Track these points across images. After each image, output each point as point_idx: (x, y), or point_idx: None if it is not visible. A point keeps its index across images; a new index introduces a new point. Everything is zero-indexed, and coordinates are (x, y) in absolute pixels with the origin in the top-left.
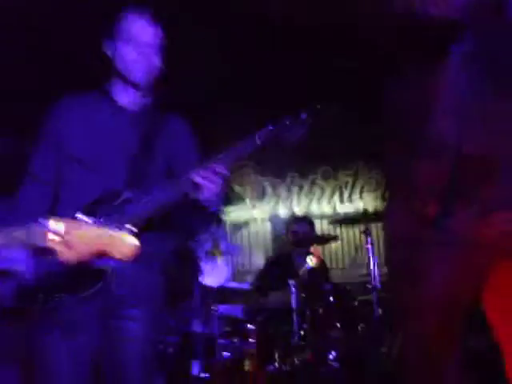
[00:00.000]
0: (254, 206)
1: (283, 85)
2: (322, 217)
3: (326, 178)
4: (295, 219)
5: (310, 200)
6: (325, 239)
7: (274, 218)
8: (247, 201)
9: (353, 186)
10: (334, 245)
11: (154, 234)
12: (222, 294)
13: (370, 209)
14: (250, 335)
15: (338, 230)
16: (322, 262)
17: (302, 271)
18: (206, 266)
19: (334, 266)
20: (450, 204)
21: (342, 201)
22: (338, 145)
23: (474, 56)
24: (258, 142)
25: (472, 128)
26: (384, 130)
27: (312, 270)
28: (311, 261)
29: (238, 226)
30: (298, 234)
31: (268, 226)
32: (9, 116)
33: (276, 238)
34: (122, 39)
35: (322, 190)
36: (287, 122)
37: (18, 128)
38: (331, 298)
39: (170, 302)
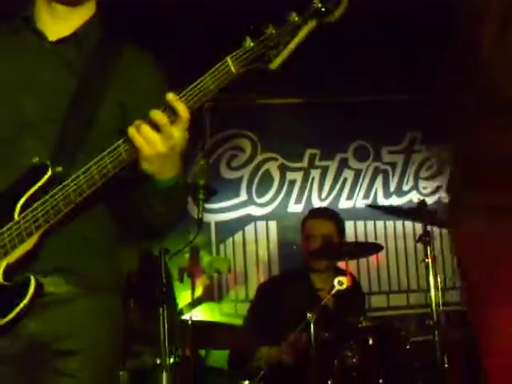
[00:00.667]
0: (251, 200)
1: None
2: (355, 215)
3: (361, 157)
4: (314, 216)
5: (339, 190)
6: (362, 249)
7: (282, 218)
8: (242, 191)
9: (403, 171)
10: (374, 258)
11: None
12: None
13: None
14: None
15: (382, 236)
16: (356, 286)
17: (325, 300)
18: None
19: (374, 290)
20: None
21: (386, 192)
22: (379, 109)
23: None
24: (233, 68)
25: None
26: (462, 88)
27: (341, 296)
28: (340, 283)
29: (229, 230)
30: (318, 241)
31: (274, 229)
32: None
33: (285, 246)
34: None
35: (357, 176)
36: (273, 33)
37: None
38: (370, 341)
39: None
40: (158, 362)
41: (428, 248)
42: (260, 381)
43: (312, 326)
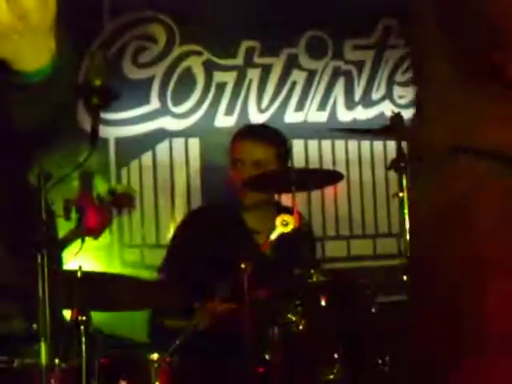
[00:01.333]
0: (166, 109)
1: None
2: (307, 132)
3: (316, 54)
4: (244, 136)
5: (285, 99)
6: (314, 179)
7: (207, 135)
8: (153, 96)
9: (373, 73)
10: (331, 191)
11: None
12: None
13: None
14: None
15: (342, 161)
16: (305, 228)
17: (262, 246)
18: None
19: (330, 234)
20: None
21: (349, 102)
22: None
23: None
24: None
25: None
26: None
27: (284, 242)
28: (283, 224)
29: (134, 150)
30: (247, 169)
31: (196, 149)
32: None
33: (211, 173)
34: None
35: (310, 79)
36: None
37: None
38: (323, 302)
39: None
40: (35, 327)
41: (403, 178)
42: (173, 353)
43: (245, 281)
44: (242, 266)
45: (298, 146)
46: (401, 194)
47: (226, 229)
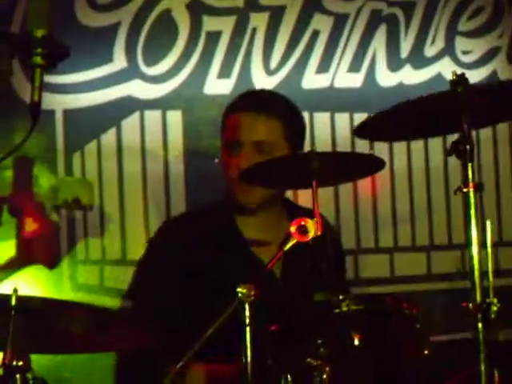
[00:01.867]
0: (135, 69)
1: None
2: (334, 102)
3: None
4: (241, 107)
5: (303, 54)
6: (344, 167)
7: (193, 106)
8: (117, 52)
9: (426, 17)
10: (368, 185)
11: None
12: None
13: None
14: None
15: (384, 146)
16: (330, 237)
17: (269, 263)
18: None
19: (366, 245)
20: None
21: (393, 60)
22: None
23: None
24: None
25: None
26: None
27: (302, 257)
28: (300, 232)
29: (91, 127)
30: (246, 153)
31: (177, 126)
32: None
33: (198, 160)
34: None
35: (338, 25)
36: None
37: None
38: (356, 340)
39: None
40: None
41: (469, 167)
42: None
43: (247, 311)
44: (240, 291)
45: (320, 121)
46: (465, 190)
47: (223, 237)
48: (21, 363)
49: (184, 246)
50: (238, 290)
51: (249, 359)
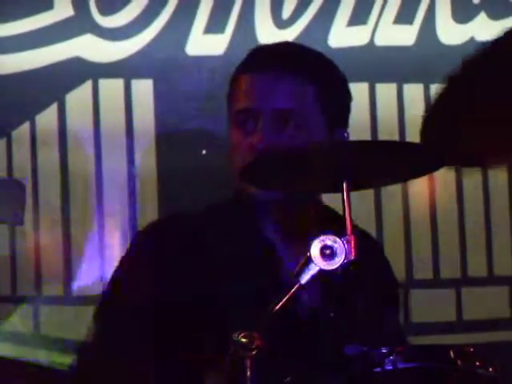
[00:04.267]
0: (87, 18)
1: None
2: (375, 69)
3: None
4: (256, 66)
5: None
6: (390, 165)
7: (170, 72)
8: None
9: None
10: (425, 190)
11: None
12: None
13: None
14: None
15: None
16: (375, 261)
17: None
18: None
19: (424, 276)
20: None
21: (460, 7)
22: None
23: None
24: None
25: None
26: None
27: (331, 288)
28: (324, 254)
29: (21, 101)
30: (273, 119)
31: (147, 99)
32: None
33: (176, 143)
34: None
35: None
36: None
37: None
38: None
39: None
40: None
41: None
42: None
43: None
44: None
45: (355, 95)
46: None
47: (220, 252)
48: None
49: (169, 258)
50: (235, 338)
51: None
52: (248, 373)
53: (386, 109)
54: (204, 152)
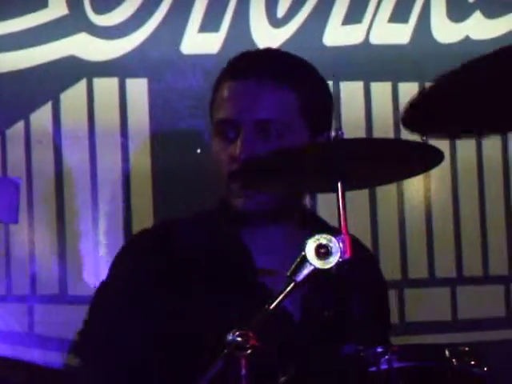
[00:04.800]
0: (82, 17)
1: None
2: (369, 67)
3: None
4: (246, 66)
5: None
6: (385, 163)
7: (165, 72)
8: None
9: None
10: (419, 188)
11: None
12: None
13: None
14: None
15: None
16: (365, 262)
17: (278, 298)
18: None
19: (419, 275)
20: None
21: (455, 5)
22: None
23: None
24: None
25: None
26: None
27: (324, 291)
28: (320, 255)
29: (15, 101)
30: (255, 130)
31: (141, 99)
32: None
33: (171, 146)
34: None
35: None
36: None
37: None
38: None
39: None
40: None
41: None
42: None
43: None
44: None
45: (350, 93)
46: None
47: (210, 266)
48: None
49: (166, 272)
50: (230, 338)
51: None
52: (243, 372)
53: (381, 108)
54: (199, 151)
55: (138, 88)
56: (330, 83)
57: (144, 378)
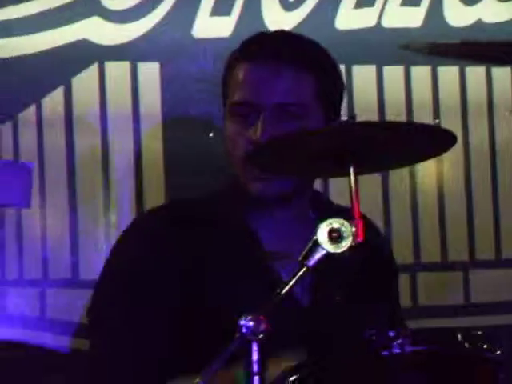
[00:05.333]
0: (91, 2)
1: None
2: (381, 51)
3: None
4: (260, 49)
5: None
6: (398, 147)
7: (176, 55)
8: None
9: None
10: (432, 172)
11: None
12: None
13: None
14: None
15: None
16: (378, 248)
17: (289, 283)
18: None
19: (432, 259)
20: None
21: None
22: None
23: None
24: None
25: None
26: None
27: (336, 275)
28: (332, 238)
29: (26, 86)
30: (271, 114)
31: (153, 83)
32: None
33: (181, 128)
34: None
35: None
36: None
37: None
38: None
39: None
40: None
41: None
42: None
43: (254, 353)
44: (245, 325)
45: (362, 77)
46: None
47: (218, 249)
48: None
49: (174, 252)
50: (242, 322)
51: None
52: (255, 356)
53: (394, 91)
54: (211, 135)
55: (149, 72)
56: (342, 67)
57: (159, 357)
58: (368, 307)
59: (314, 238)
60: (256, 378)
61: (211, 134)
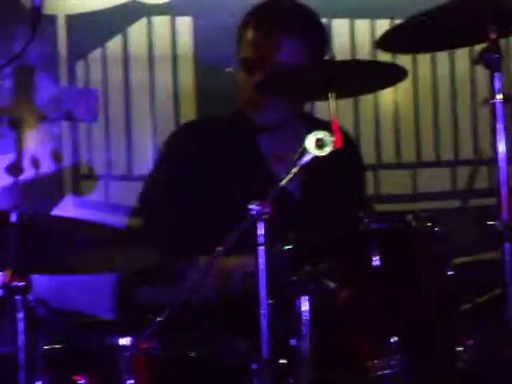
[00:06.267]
0: None
1: None
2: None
3: None
4: (261, 22)
5: None
6: (364, 78)
7: (206, 10)
8: None
9: None
10: (390, 96)
11: None
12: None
13: None
14: None
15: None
16: (350, 150)
17: (285, 179)
18: None
19: (389, 160)
20: None
21: None
22: None
23: None
24: None
25: None
26: None
27: (320, 172)
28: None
29: (94, 33)
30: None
31: (187, 34)
32: None
33: (209, 67)
34: None
35: None
36: None
37: None
38: (376, 260)
39: None
40: None
41: (497, 77)
42: (152, 337)
43: (260, 229)
44: (254, 208)
45: (338, 29)
46: (493, 101)
47: (232, 151)
48: (22, 284)
49: (201, 152)
50: (251, 206)
51: (262, 280)
52: (262, 233)
53: (362, 39)
54: (228, 69)
55: (184, 24)
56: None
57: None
58: (346, 195)
59: (304, 145)
60: (261, 248)
61: (228, 69)
